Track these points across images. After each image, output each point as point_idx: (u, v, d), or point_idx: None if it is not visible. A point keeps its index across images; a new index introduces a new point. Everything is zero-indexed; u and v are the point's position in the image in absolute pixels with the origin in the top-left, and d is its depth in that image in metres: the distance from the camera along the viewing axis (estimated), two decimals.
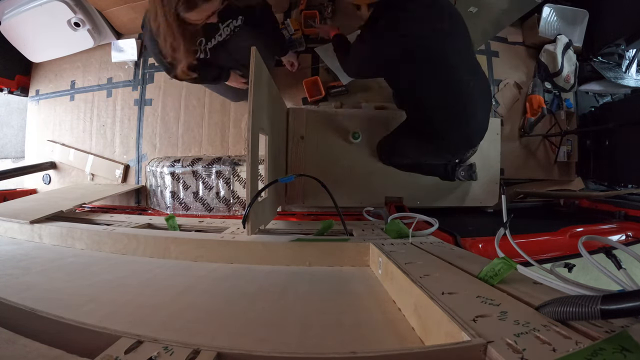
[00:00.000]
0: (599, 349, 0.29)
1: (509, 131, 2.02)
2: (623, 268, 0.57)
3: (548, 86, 2.06)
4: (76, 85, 2.14)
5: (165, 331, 0.46)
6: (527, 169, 2.04)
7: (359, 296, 0.60)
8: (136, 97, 2.02)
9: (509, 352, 0.30)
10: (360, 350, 0.31)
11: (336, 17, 1.89)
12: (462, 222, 1.47)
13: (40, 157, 2.15)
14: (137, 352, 0.32)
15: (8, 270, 0.70)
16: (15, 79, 2.17)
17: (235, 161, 1.73)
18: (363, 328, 0.47)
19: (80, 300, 0.56)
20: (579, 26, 2.05)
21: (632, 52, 2.15)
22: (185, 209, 1.77)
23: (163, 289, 0.64)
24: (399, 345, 0.43)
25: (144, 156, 1.98)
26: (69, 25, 1.86)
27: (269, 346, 0.42)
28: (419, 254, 0.70)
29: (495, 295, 0.44)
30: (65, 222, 1.06)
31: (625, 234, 1.28)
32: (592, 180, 2.10)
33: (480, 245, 1.00)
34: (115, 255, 0.87)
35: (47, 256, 0.84)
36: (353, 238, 0.87)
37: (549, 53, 1.99)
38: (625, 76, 2.12)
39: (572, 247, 1.06)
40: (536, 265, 0.64)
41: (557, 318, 0.35)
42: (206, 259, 0.82)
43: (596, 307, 0.30)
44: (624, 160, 1.87)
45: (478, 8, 1.57)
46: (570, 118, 2.08)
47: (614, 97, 2.22)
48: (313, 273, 0.74)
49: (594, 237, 0.66)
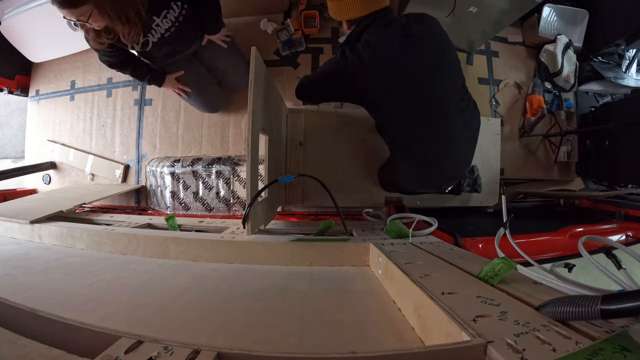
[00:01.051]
0: (599, 349, 0.29)
1: (509, 131, 2.02)
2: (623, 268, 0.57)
3: (548, 86, 2.06)
4: (76, 85, 2.14)
5: (165, 331, 0.46)
6: (527, 169, 2.04)
7: (358, 296, 0.60)
8: (136, 97, 2.02)
9: (509, 352, 0.30)
10: (360, 350, 0.31)
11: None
12: (462, 222, 1.47)
13: (40, 157, 2.15)
14: (137, 352, 0.32)
15: (8, 270, 0.70)
16: (15, 79, 2.17)
17: (235, 161, 1.73)
18: (363, 328, 0.47)
19: (80, 300, 0.56)
20: (579, 26, 2.05)
21: (632, 52, 2.16)
22: (185, 209, 1.77)
23: (163, 289, 0.64)
24: (399, 345, 0.43)
25: (144, 156, 1.98)
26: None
27: (269, 346, 0.42)
28: (419, 254, 0.70)
29: (495, 295, 0.44)
30: (65, 222, 1.06)
31: (625, 234, 1.28)
32: (592, 180, 2.11)
33: (480, 245, 1.00)
34: (115, 255, 0.87)
35: (47, 256, 0.84)
36: (353, 238, 0.87)
37: (549, 53, 1.99)
38: (625, 76, 2.12)
39: (572, 247, 1.06)
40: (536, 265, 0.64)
41: (557, 318, 0.35)
42: (206, 259, 0.82)
43: (596, 307, 0.30)
44: (624, 160, 1.88)
45: (478, 8, 1.57)
46: (570, 118, 2.08)
47: (614, 97, 2.22)
48: (313, 273, 0.74)
49: (594, 237, 0.66)
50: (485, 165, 1.66)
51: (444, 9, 1.56)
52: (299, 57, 1.88)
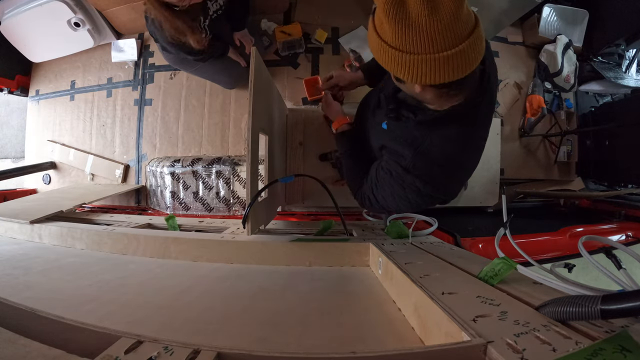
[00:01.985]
0: (599, 349, 0.29)
1: (509, 131, 2.02)
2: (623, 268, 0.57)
3: (548, 86, 2.06)
4: (76, 85, 2.14)
5: (165, 331, 0.46)
6: (527, 169, 2.04)
7: (359, 296, 0.60)
8: (136, 97, 2.02)
9: (509, 352, 0.30)
10: (360, 350, 0.31)
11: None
12: (462, 222, 1.47)
13: (40, 157, 2.14)
14: (137, 352, 0.32)
15: (8, 270, 0.70)
16: (15, 79, 2.17)
17: (235, 161, 1.73)
18: (363, 328, 0.47)
19: (80, 300, 0.56)
20: (579, 26, 2.05)
21: (632, 52, 2.15)
22: (185, 209, 1.77)
23: (163, 289, 0.64)
24: (399, 345, 0.43)
25: (144, 156, 1.98)
26: (69, 25, 1.86)
27: (269, 346, 0.42)
28: (419, 254, 0.70)
29: (495, 295, 0.44)
30: (65, 222, 1.06)
31: (625, 234, 1.28)
32: (592, 180, 2.11)
33: (480, 245, 1.00)
34: (115, 255, 0.87)
35: (47, 256, 0.84)
36: (353, 238, 0.87)
37: (549, 53, 1.99)
38: (625, 76, 2.12)
39: (572, 247, 1.06)
40: (536, 265, 0.64)
41: (557, 318, 0.35)
42: (206, 259, 0.82)
43: (596, 307, 0.30)
44: (624, 160, 1.87)
45: (478, 8, 1.56)
46: (570, 118, 2.08)
47: (614, 97, 2.22)
48: (313, 273, 0.74)
49: (594, 237, 0.66)
50: (485, 165, 1.66)
51: None
52: (298, 57, 1.88)
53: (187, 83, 1.95)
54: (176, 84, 1.96)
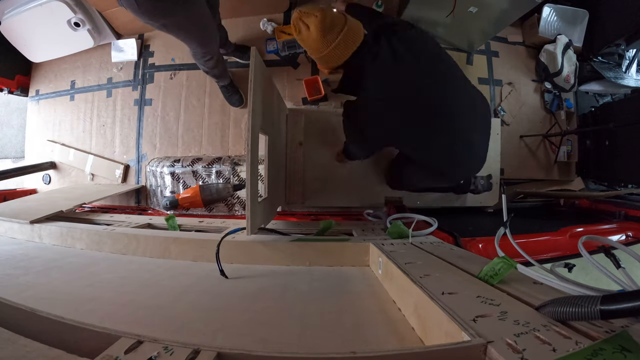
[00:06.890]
0: (599, 349, 0.29)
1: (509, 131, 2.02)
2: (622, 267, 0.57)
3: (548, 86, 2.06)
4: (76, 85, 2.14)
5: (165, 331, 0.46)
6: (527, 169, 2.04)
7: (359, 296, 0.60)
8: (136, 97, 2.02)
9: (509, 352, 0.30)
10: (360, 350, 0.31)
11: None
12: (462, 222, 1.47)
13: (40, 157, 2.15)
14: (137, 352, 0.32)
15: (8, 270, 0.70)
16: (15, 79, 2.17)
17: (235, 161, 1.73)
18: (363, 328, 0.47)
19: (80, 300, 0.56)
20: (579, 26, 2.05)
21: (632, 52, 2.16)
22: (185, 209, 1.77)
23: (163, 289, 0.64)
24: (399, 345, 0.43)
25: (144, 156, 1.98)
26: (69, 25, 1.86)
27: (269, 346, 0.42)
28: (419, 254, 0.70)
29: (495, 295, 0.44)
30: (65, 222, 1.06)
31: (625, 234, 1.28)
32: (592, 180, 2.11)
33: (480, 245, 1.00)
34: (115, 255, 0.87)
35: (47, 256, 0.84)
36: (353, 238, 0.87)
37: (549, 53, 1.99)
38: (625, 76, 2.12)
39: (572, 247, 1.06)
40: (536, 265, 0.64)
41: (557, 318, 0.35)
42: (206, 259, 0.82)
43: (596, 307, 0.30)
44: (623, 160, 1.88)
45: (478, 8, 1.57)
46: (570, 118, 2.08)
47: (614, 97, 2.22)
48: (313, 273, 0.74)
49: (594, 237, 0.66)
50: (485, 165, 1.66)
51: (444, 9, 1.56)
52: (298, 57, 1.88)
53: (187, 83, 1.95)
54: (176, 84, 1.96)
